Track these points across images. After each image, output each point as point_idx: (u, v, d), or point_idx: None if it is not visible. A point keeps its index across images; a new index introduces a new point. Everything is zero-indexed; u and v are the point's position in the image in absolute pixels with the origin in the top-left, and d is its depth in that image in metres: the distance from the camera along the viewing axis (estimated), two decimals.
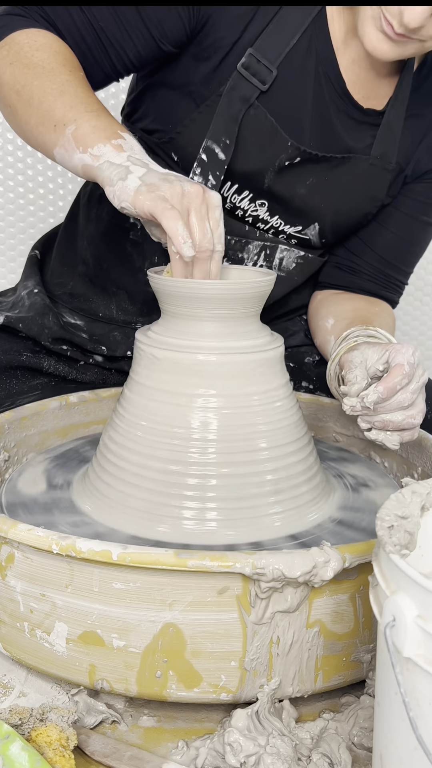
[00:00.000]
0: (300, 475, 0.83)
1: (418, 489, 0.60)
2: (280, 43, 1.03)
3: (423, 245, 1.24)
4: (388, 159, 1.12)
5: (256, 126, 1.05)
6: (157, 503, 0.79)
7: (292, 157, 1.07)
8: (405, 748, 0.50)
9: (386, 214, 1.19)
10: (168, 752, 0.68)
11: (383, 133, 1.11)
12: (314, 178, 1.10)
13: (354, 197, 1.13)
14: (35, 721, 0.66)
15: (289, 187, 1.10)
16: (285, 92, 1.05)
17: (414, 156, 1.15)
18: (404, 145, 1.13)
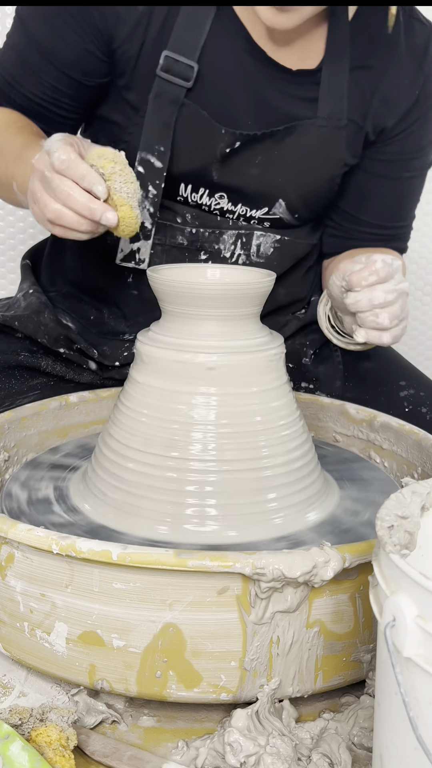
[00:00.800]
0: (299, 475, 0.83)
1: (418, 489, 0.60)
2: (193, 35, 1.02)
3: (414, 196, 1.21)
4: (337, 117, 1.08)
5: (191, 124, 1.05)
6: (157, 503, 0.79)
7: (230, 143, 1.05)
8: (405, 748, 0.50)
9: (366, 182, 1.16)
10: (168, 752, 0.68)
11: (325, 92, 1.07)
12: (262, 156, 1.08)
13: (312, 164, 1.10)
14: (35, 721, 0.66)
15: (240, 174, 1.08)
16: (212, 82, 1.04)
17: (370, 111, 1.11)
18: (355, 99, 1.09)
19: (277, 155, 1.08)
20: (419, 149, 1.16)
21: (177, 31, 1.02)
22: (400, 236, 1.22)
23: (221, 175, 1.08)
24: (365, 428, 1.06)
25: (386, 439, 1.03)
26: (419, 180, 1.20)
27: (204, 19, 1.02)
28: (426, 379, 1.18)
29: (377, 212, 1.18)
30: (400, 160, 1.15)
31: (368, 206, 1.18)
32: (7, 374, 1.11)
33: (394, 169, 1.16)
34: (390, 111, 1.11)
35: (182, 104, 1.04)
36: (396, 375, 1.17)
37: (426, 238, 1.75)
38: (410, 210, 1.22)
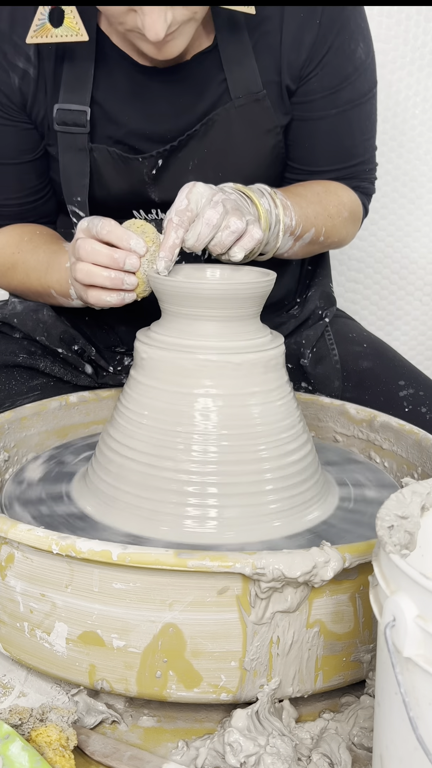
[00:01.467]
0: (300, 475, 0.83)
1: (418, 489, 0.60)
2: (80, 81, 1.04)
3: (357, 130, 1.14)
4: (250, 90, 1.05)
5: (107, 163, 1.06)
6: (157, 503, 0.79)
7: (153, 165, 1.06)
8: (405, 748, 0.50)
9: (303, 130, 1.11)
10: (168, 752, 0.68)
11: (231, 71, 1.04)
12: (194, 159, 1.07)
13: (245, 145, 1.07)
14: (35, 721, 0.66)
15: (177, 183, 1.04)
16: (113, 115, 1.06)
17: (282, 61, 1.06)
18: (265, 61, 1.05)
19: (208, 153, 1.07)
20: (342, 79, 1.08)
21: (65, 82, 1.04)
22: (357, 175, 1.16)
23: (160, 194, 1.08)
24: (365, 428, 1.06)
25: (386, 439, 1.03)
26: (356, 112, 1.12)
27: (87, 63, 1.03)
28: (425, 378, 1.17)
29: (323, 157, 1.13)
30: (324, 97, 1.09)
31: (312, 153, 1.13)
32: (7, 375, 1.11)
33: (322, 108, 1.09)
34: (297, 50, 1.05)
35: (91, 149, 1.06)
36: (395, 374, 1.16)
37: (427, 239, 1.75)
38: (357, 146, 1.15)
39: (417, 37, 1.60)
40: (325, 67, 1.07)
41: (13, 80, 1.04)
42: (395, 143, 1.65)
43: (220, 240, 0.86)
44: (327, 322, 1.22)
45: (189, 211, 0.85)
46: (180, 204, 0.86)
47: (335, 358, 1.19)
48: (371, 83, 1.12)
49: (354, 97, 1.10)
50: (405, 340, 1.83)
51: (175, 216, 0.85)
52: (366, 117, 1.14)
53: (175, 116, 1.06)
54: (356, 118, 1.12)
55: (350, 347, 1.20)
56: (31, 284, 1.10)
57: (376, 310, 1.80)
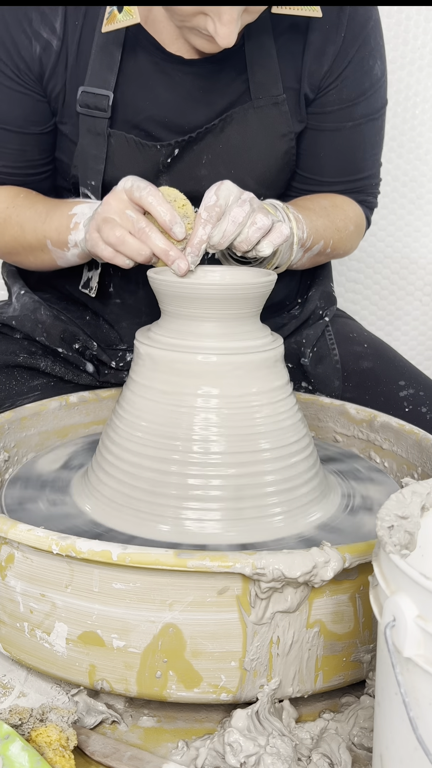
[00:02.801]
0: (300, 475, 0.83)
1: (418, 489, 0.60)
2: (105, 65, 1.04)
3: (367, 145, 1.16)
4: (271, 92, 1.06)
5: (123, 150, 1.06)
6: (157, 504, 0.79)
7: (168, 153, 1.06)
8: (405, 748, 0.50)
9: (315, 140, 1.13)
10: (168, 752, 0.68)
11: (254, 71, 1.05)
12: (208, 155, 1.07)
13: (259, 146, 1.08)
14: (35, 722, 0.66)
15: (189, 179, 1.07)
16: (129, 103, 1.05)
17: (303, 69, 1.07)
18: (287, 67, 1.07)
19: (222, 149, 1.07)
20: (359, 94, 1.11)
21: (92, 65, 1.04)
22: (363, 189, 1.18)
23: (172, 185, 1.06)
24: (365, 428, 1.06)
25: (386, 439, 1.03)
26: (368, 127, 1.14)
27: (115, 47, 1.03)
28: (426, 378, 1.17)
29: (332, 168, 1.15)
30: (341, 110, 1.11)
31: (322, 164, 1.14)
32: (7, 375, 1.11)
33: (337, 120, 1.12)
34: (319, 61, 1.07)
35: (109, 134, 1.06)
36: (395, 375, 1.17)
37: (427, 239, 1.75)
38: (366, 160, 1.17)
39: (417, 37, 1.60)
40: (344, 81, 1.09)
41: (34, 49, 1.03)
42: (395, 143, 1.65)
43: (246, 236, 0.86)
44: (327, 321, 1.22)
45: (218, 206, 0.86)
46: (209, 200, 0.86)
47: (335, 357, 1.19)
48: (384, 100, 1.15)
49: (368, 113, 1.13)
50: (405, 340, 1.83)
51: (204, 212, 0.86)
52: (376, 132, 1.17)
53: (195, 108, 1.06)
54: (368, 133, 1.15)
55: (351, 347, 1.20)
56: (24, 238, 1.08)
57: (376, 310, 1.80)
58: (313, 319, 1.23)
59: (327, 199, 1.13)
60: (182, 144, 1.06)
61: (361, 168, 1.17)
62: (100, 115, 1.05)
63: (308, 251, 1.05)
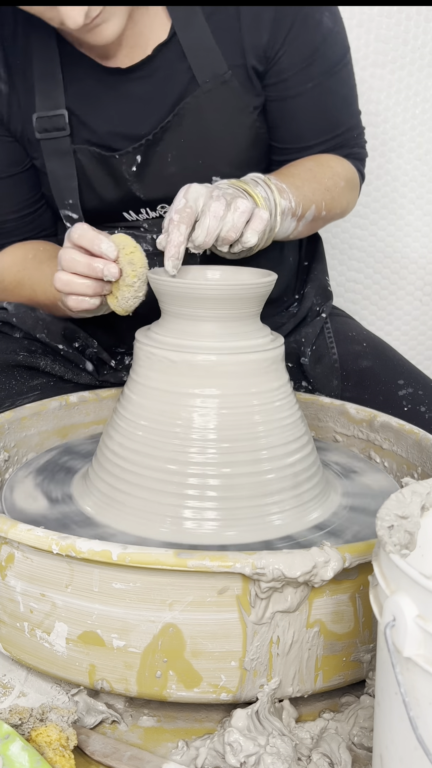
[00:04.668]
0: (300, 475, 0.83)
1: (418, 489, 0.60)
2: (51, 86, 1.06)
3: (337, 100, 1.13)
4: (217, 73, 1.05)
5: (91, 162, 1.08)
6: (157, 503, 0.79)
7: (131, 161, 1.07)
8: (405, 748, 0.50)
9: (283, 110, 1.11)
10: (168, 752, 0.68)
11: (193, 57, 1.04)
12: (172, 152, 1.07)
13: (222, 130, 1.07)
14: (35, 721, 0.66)
15: (161, 181, 1.07)
16: (82, 123, 1.08)
17: (244, 42, 1.06)
18: (227, 45, 1.05)
19: (185, 143, 1.07)
20: (312, 52, 1.08)
21: (38, 91, 1.06)
22: (346, 143, 1.16)
23: (146, 191, 1.09)
24: (365, 428, 1.06)
25: (386, 439, 1.03)
26: (333, 82, 1.11)
27: (55, 69, 1.05)
28: (425, 377, 1.17)
29: (308, 132, 1.13)
30: (297, 73, 1.08)
31: (297, 131, 1.13)
32: (7, 374, 1.11)
33: (297, 83, 1.09)
34: (257, 30, 1.05)
35: (74, 151, 1.07)
36: (394, 373, 1.16)
37: (426, 239, 1.75)
38: (341, 114, 1.14)
39: (417, 37, 1.60)
40: (292, 43, 1.06)
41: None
42: (395, 143, 1.65)
43: (232, 224, 0.85)
44: (324, 317, 1.21)
45: (188, 208, 0.85)
46: (178, 203, 0.86)
47: (334, 356, 1.19)
48: (344, 49, 1.11)
49: (327, 68, 1.10)
50: (405, 340, 1.83)
51: (176, 214, 0.85)
52: (344, 84, 1.13)
53: (147, 112, 1.07)
54: (334, 87, 1.11)
55: (350, 346, 1.20)
56: (38, 298, 1.12)
57: (375, 309, 1.80)
58: (311, 317, 1.23)
59: (312, 161, 1.11)
60: (141, 149, 1.06)
61: (337, 123, 1.14)
62: (60, 134, 1.07)
63: (301, 219, 1.03)
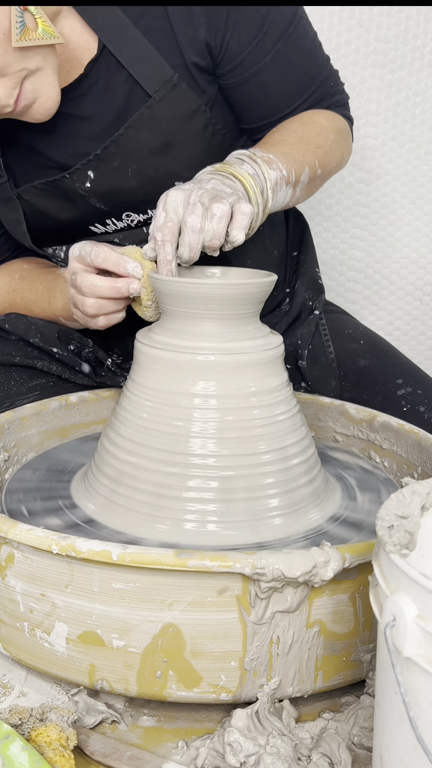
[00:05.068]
0: (300, 476, 0.83)
1: (418, 489, 0.60)
2: None
3: (302, 55, 1.09)
4: (164, 79, 1.01)
5: (41, 198, 1.08)
6: (156, 504, 0.79)
7: (83, 178, 1.06)
8: (405, 748, 0.50)
9: (252, 88, 1.07)
10: (168, 752, 0.68)
11: (136, 72, 1.01)
12: (132, 165, 1.05)
13: (176, 137, 1.04)
14: (35, 721, 0.66)
15: (122, 197, 1.06)
16: (23, 167, 1.08)
17: (181, 44, 1.02)
18: (163, 48, 1.02)
19: (143, 156, 1.04)
20: (261, 24, 1.04)
21: None
22: (324, 95, 1.13)
23: (108, 204, 1.08)
24: (365, 428, 1.06)
25: (386, 439, 1.03)
26: (290, 43, 1.07)
27: None
28: (424, 375, 1.16)
29: (282, 100, 1.09)
30: (252, 51, 1.05)
31: (272, 102, 1.09)
32: (6, 375, 1.10)
33: (255, 60, 1.05)
34: (191, 24, 1.02)
35: (18, 195, 1.08)
36: (393, 372, 1.16)
37: (426, 239, 1.75)
38: (310, 71, 1.10)
39: (417, 37, 1.60)
40: (235, 26, 1.03)
41: None
42: (395, 143, 1.65)
43: (213, 232, 0.83)
44: (318, 314, 1.21)
45: (170, 221, 0.84)
46: (159, 219, 0.85)
47: (331, 356, 1.18)
48: (292, 9, 1.07)
49: (280, 33, 1.06)
50: (405, 340, 1.83)
51: (158, 233, 0.84)
52: (302, 40, 1.09)
53: (91, 128, 1.05)
54: (293, 47, 1.08)
55: (347, 345, 1.20)
56: (35, 315, 1.14)
57: (375, 309, 1.80)
58: (305, 314, 1.22)
59: (295, 122, 1.08)
60: (92, 164, 1.04)
61: (309, 81, 1.11)
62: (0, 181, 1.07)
63: (297, 185, 1.01)
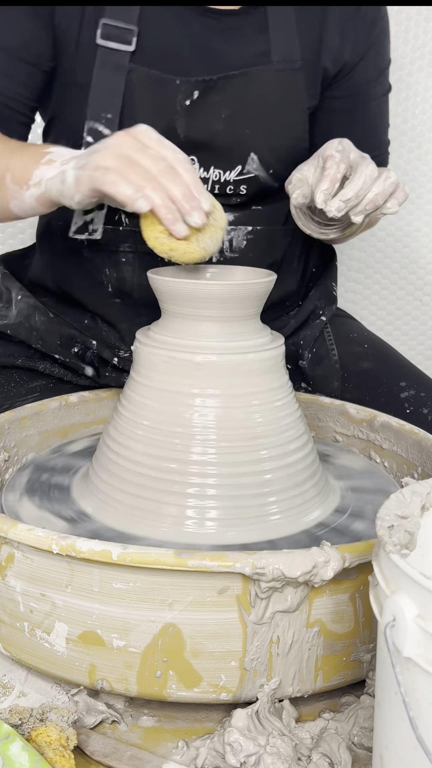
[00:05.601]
0: (300, 475, 0.83)
1: (418, 489, 0.60)
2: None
3: (382, 121, 1.22)
4: (291, 59, 1.07)
5: (143, 86, 1.03)
6: (156, 503, 0.79)
7: (188, 93, 1.03)
8: (405, 748, 0.50)
9: (333, 122, 1.14)
10: (168, 752, 0.68)
11: (275, 35, 1.06)
12: (227, 109, 1.06)
13: (275, 110, 1.07)
14: (35, 721, 0.66)
15: (206, 128, 1.05)
16: (155, 41, 1.03)
17: (323, 45, 1.09)
18: (304, 38, 1.08)
19: (241, 107, 1.06)
20: (378, 73, 1.16)
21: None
22: (381, 163, 1.20)
23: (188, 132, 1.05)
24: (365, 428, 1.06)
25: (386, 439, 1.03)
26: (384, 103, 1.20)
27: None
28: (427, 379, 1.17)
29: (362, 146, 1.14)
30: (365, 90, 1.15)
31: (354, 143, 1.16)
32: (6, 377, 1.10)
33: (362, 100, 1.16)
34: (341, 38, 1.10)
35: (129, 70, 1.03)
36: (396, 375, 1.16)
37: (426, 239, 1.75)
38: (382, 135, 1.23)
39: (417, 37, 1.60)
40: (367, 61, 1.13)
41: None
42: (395, 143, 1.65)
43: (382, 189, 0.87)
44: (324, 320, 1.21)
45: (346, 159, 0.87)
46: (337, 146, 0.88)
47: (334, 358, 1.18)
48: (389, 82, 1.20)
49: (383, 91, 1.18)
50: (405, 340, 1.83)
51: (336, 153, 0.87)
52: (385, 110, 1.21)
53: (215, 57, 1.06)
54: (383, 110, 1.20)
55: (351, 347, 1.20)
56: (5, 186, 0.96)
57: (376, 310, 1.80)
58: (312, 319, 1.22)
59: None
60: (202, 86, 1.04)
61: (379, 143, 1.21)
62: (123, 48, 1.02)
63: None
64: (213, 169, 1.08)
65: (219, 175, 1.08)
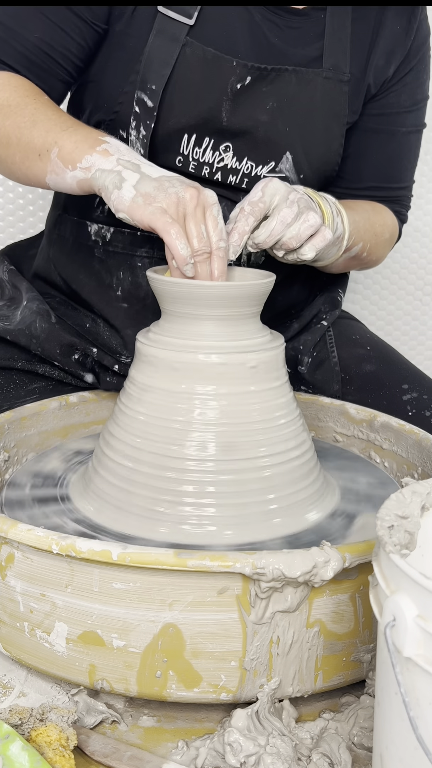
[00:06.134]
0: (299, 475, 0.83)
1: (418, 489, 0.60)
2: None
3: (411, 155, 1.21)
4: (341, 70, 1.08)
5: (196, 62, 1.02)
6: (156, 503, 0.79)
7: (241, 77, 1.03)
8: (405, 748, 0.50)
9: (363, 140, 1.15)
10: (168, 752, 0.68)
11: (330, 42, 1.07)
12: (273, 101, 1.06)
13: (317, 116, 1.08)
14: (35, 721, 0.66)
15: (250, 117, 1.05)
16: (214, 20, 1.03)
17: (370, 63, 1.11)
18: (355, 52, 1.09)
19: (287, 103, 1.06)
20: (414, 103, 1.16)
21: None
22: (400, 199, 1.21)
23: (231, 116, 1.04)
24: (365, 428, 1.06)
25: (386, 439, 1.03)
26: (415, 138, 1.19)
27: None
28: (429, 381, 1.16)
29: (374, 171, 1.17)
30: (396, 114, 1.15)
31: (365, 165, 1.16)
32: (5, 378, 1.10)
33: (391, 123, 1.16)
34: (387, 59, 1.11)
35: (184, 43, 1.01)
36: (399, 378, 1.16)
37: (426, 238, 1.75)
38: (407, 170, 1.21)
39: None
40: (404, 87, 1.14)
41: None
42: None
43: (297, 233, 0.87)
44: (326, 325, 1.20)
45: (262, 203, 0.87)
46: (254, 196, 0.88)
47: (334, 360, 1.18)
48: (424, 118, 1.20)
49: (417, 123, 1.18)
50: (405, 340, 1.83)
51: (248, 205, 0.87)
52: (416, 146, 1.21)
53: (270, 51, 1.06)
54: (414, 143, 1.19)
55: (353, 350, 1.20)
56: (29, 133, 0.94)
57: (376, 310, 1.80)
58: (314, 323, 1.21)
59: (369, 204, 1.16)
60: (255, 72, 1.03)
61: (402, 177, 1.21)
62: (183, 20, 1.01)
63: (346, 252, 1.05)
64: (247, 160, 1.08)
65: (251, 168, 1.08)
